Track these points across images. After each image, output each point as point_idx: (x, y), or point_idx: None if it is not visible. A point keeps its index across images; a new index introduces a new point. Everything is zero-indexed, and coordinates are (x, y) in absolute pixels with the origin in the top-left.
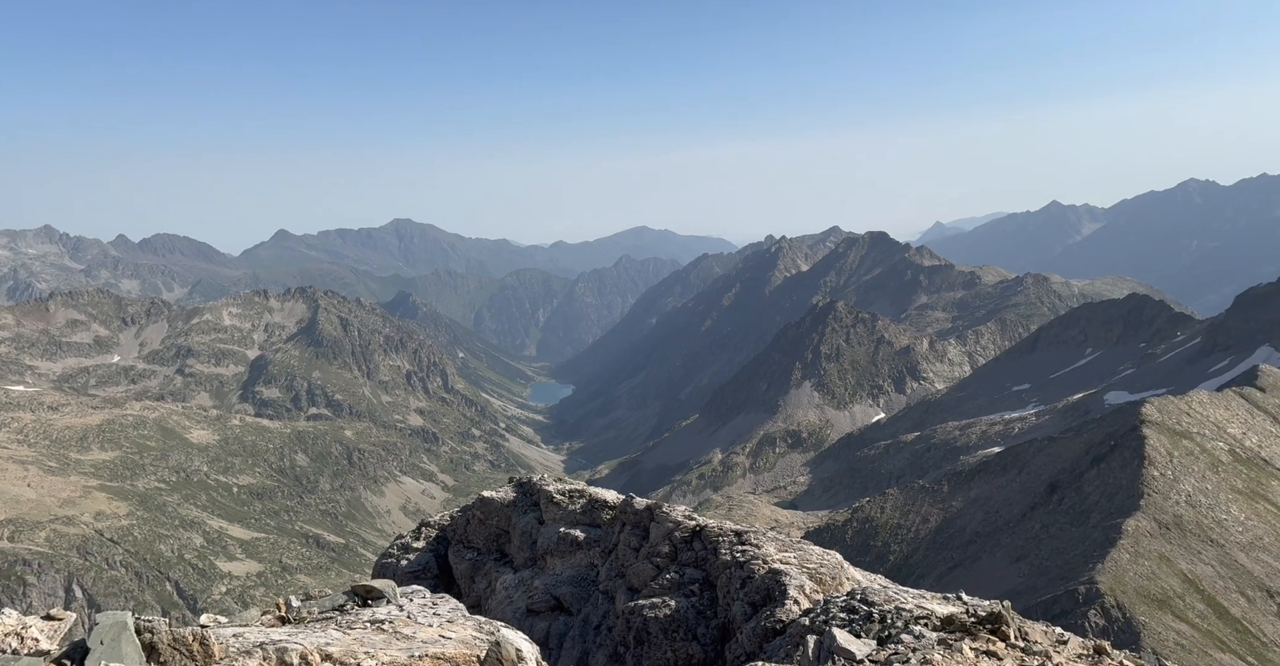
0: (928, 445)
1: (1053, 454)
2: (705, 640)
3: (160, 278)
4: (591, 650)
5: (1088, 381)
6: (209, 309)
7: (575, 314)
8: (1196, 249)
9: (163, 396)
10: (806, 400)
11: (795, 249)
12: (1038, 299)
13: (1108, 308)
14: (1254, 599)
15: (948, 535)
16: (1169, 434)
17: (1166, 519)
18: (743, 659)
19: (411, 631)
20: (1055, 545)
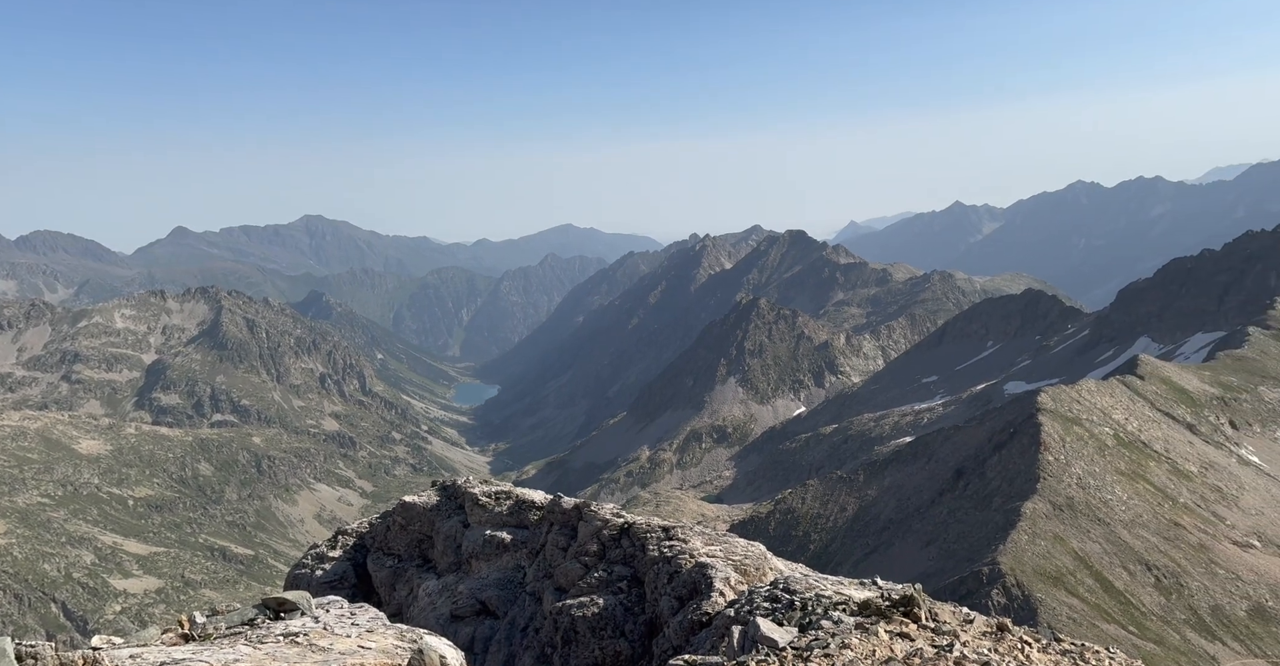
0: (845, 436)
1: (958, 442)
2: (633, 636)
3: (41, 278)
4: (518, 652)
5: (989, 372)
6: (99, 311)
7: (500, 313)
8: (1084, 246)
9: (46, 405)
10: (731, 395)
11: (719, 247)
12: (944, 295)
13: (1006, 303)
14: (1135, 572)
15: (864, 523)
16: (1062, 421)
17: (1060, 501)
18: (670, 653)
19: (328, 643)
20: (961, 529)
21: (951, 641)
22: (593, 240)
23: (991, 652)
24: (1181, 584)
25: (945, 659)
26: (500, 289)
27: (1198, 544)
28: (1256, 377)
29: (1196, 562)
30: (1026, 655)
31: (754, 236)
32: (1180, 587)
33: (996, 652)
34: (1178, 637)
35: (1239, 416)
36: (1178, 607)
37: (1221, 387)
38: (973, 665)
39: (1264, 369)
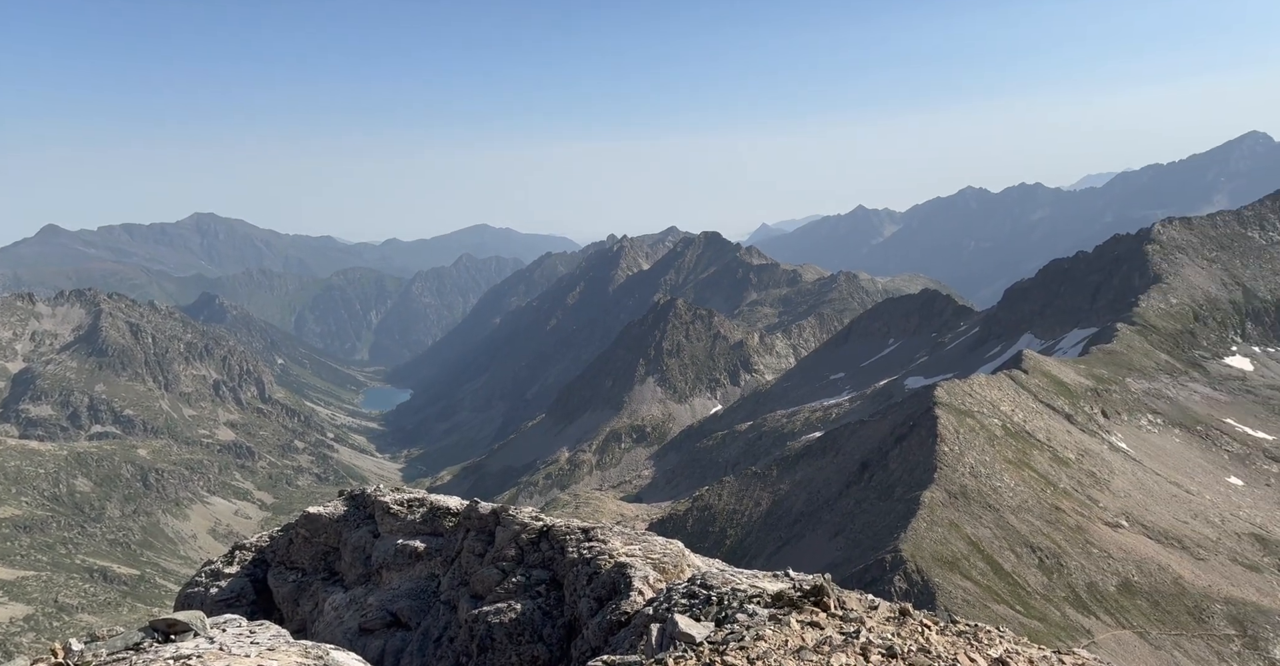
0: (759, 433)
1: (864, 436)
2: (551, 640)
3: None
4: (431, 663)
5: (891, 368)
6: None
7: (412, 315)
8: (974, 248)
9: None
10: (650, 395)
11: (636, 248)
12: (849, 295)
13: (906, 302)
14: (1021, 554)
15: (777, 516)
16: (956, 413)
17: (955, 489)
18: (589, 654)
19: (225, 664)
20: (867, 519)
21: (858, 628)
22: (509, 240)
23: (894, 637)
24: (1061, 564)
25: (852, 645)
26: (412, 290)
27: (1075, 526)
28: (1124, 370)
29: (1074, 543)
30: (926, 638)
31: (670, 238)
32: (1060, 567)
33: (899, 637)
34: (1058, 614)
35: (1109, 406)
36: (1058, 586)
37: (1094, 380)
38: (877, 650)
39: (1130, 362)
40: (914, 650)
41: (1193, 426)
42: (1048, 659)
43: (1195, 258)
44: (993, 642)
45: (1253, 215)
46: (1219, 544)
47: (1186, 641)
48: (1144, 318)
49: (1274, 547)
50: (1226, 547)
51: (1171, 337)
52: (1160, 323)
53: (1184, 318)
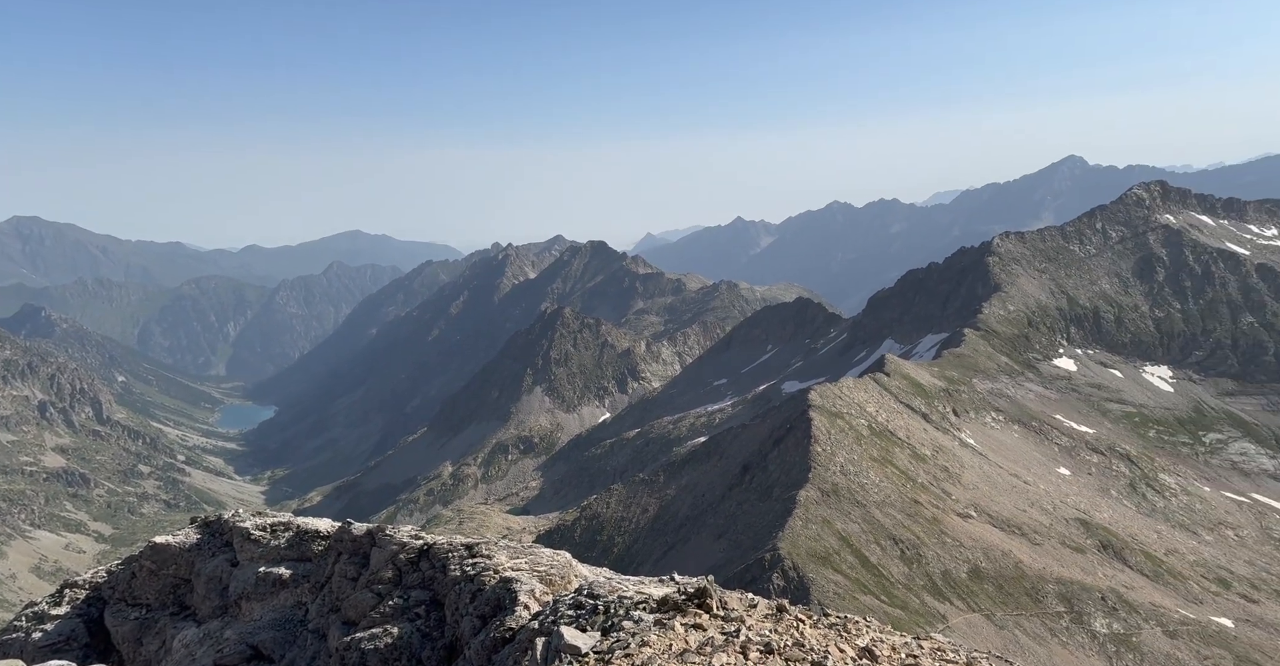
0: (647, 440)
1: (745, 439)
2: (430, 663)
3: None
4: None
5: (770, 374)
6: None
7: (277, 326)
8: (841, 259)
9: None
10: (538, 405)
11: (523, 256)
12: (730, 303)
13: (781, 310)
14: (885, 547)
15: (663, 521)
16: (828, 415)
17: (827, 487)
18: None
19: None
20: (748, 520)
21: (739, 627)
22: (385, 248)
23: (772, 633)
24: (920, 554)
25: (733, 644)
26: (276, 300)
27: (932, 517)
28: (971, 371)
29: (931, 534)
30: (801, 632)
31: (557, 246)
32: (919, 557)
33: (776, 632)
34: (918, 602)
35: (959, 405)
36: (918, 575)
37: (946, 381)
38: (756, 647)
39: (976, 364)
40: (789, 644)
41: (1029, 422)
42: (908, 644)
43: (1028, 269)
44: (860, 632)
45: (1073, 230)
46: (1051, 529)
47: (1025, 620)
48: (987, 323)
49: (1095, 531)
50: (1057, 532)
51: (1010, 341)
52: (1000, 328)
53: (1020, 323)
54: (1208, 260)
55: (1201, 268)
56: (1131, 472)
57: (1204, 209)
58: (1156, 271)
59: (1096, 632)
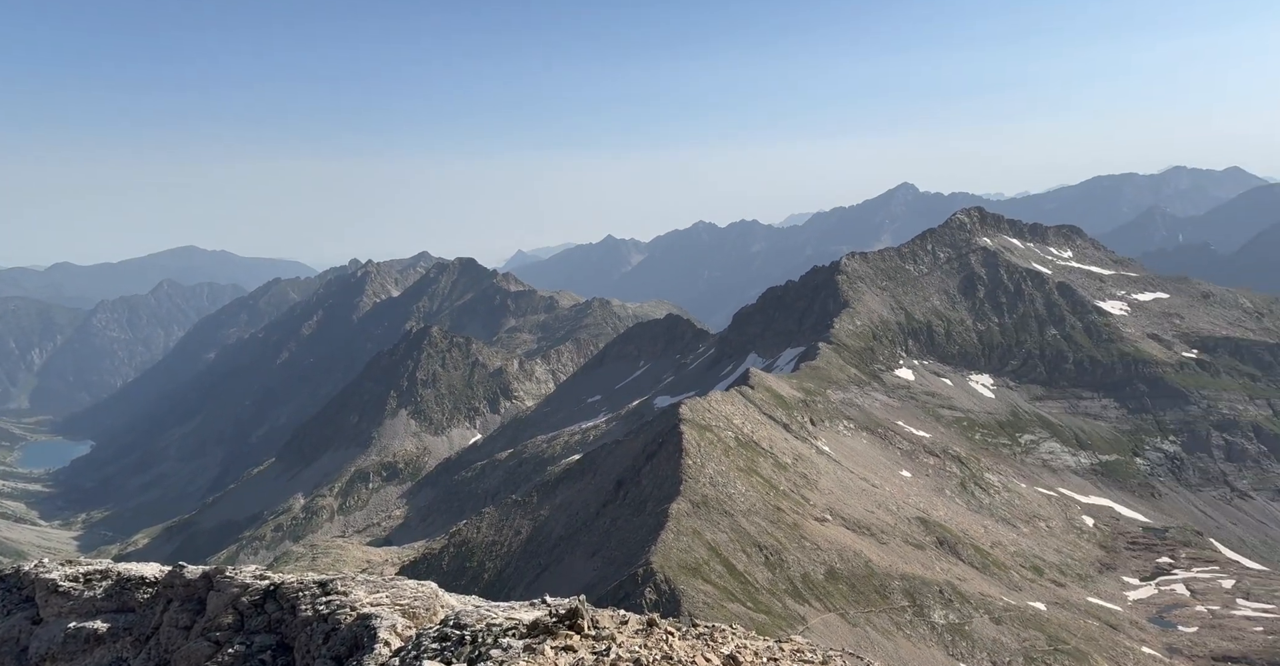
0: (520, 460)
1: (619, 455)
2: None
3: None
4: None
5: (642, 389)
6: None
7: (94, 352)
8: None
9: None
10: (403, 429)
11: (385, 274)
12: (603, 320)
13: (652, 327)
14: (751, 554)
15: (537, 542)
16: (698, 428)
17: (698, 499)
18: None
19: None
20: (621, 536)
21: (609, 645)
22: (225, 265)
23: (642, 648)
24: (782, 559)
25: (603, 663)
26: (92, 323)
27: (792, 523)
28: (825, 383)
29: (792, 539)
30: (670, 644)
31: (422, 263)
32: (782, 562)
33: (646, 647)
34: (780, 605)
35: (816, 415)
36: (780, 579)
37: (804, 392)
38: (625, 663)
39: (829, 376)
40: (658, 658)
41: (875, 429)
42: (770, 648)
43: (872, 286)
44: (725, 640)
45: (908, 251)
46: (896, 528)
47: (875, 616)
48: (838, 337)
49: (933, 528)
50: (901, 531)
51: (858, 354)
52: (850, 341)
53: (866, 337)
54: (1018, 279)
55: (1014, 285)
56: (962, 472)
57: (1014, 233)
58: (978, 289)
59: (935, 624)
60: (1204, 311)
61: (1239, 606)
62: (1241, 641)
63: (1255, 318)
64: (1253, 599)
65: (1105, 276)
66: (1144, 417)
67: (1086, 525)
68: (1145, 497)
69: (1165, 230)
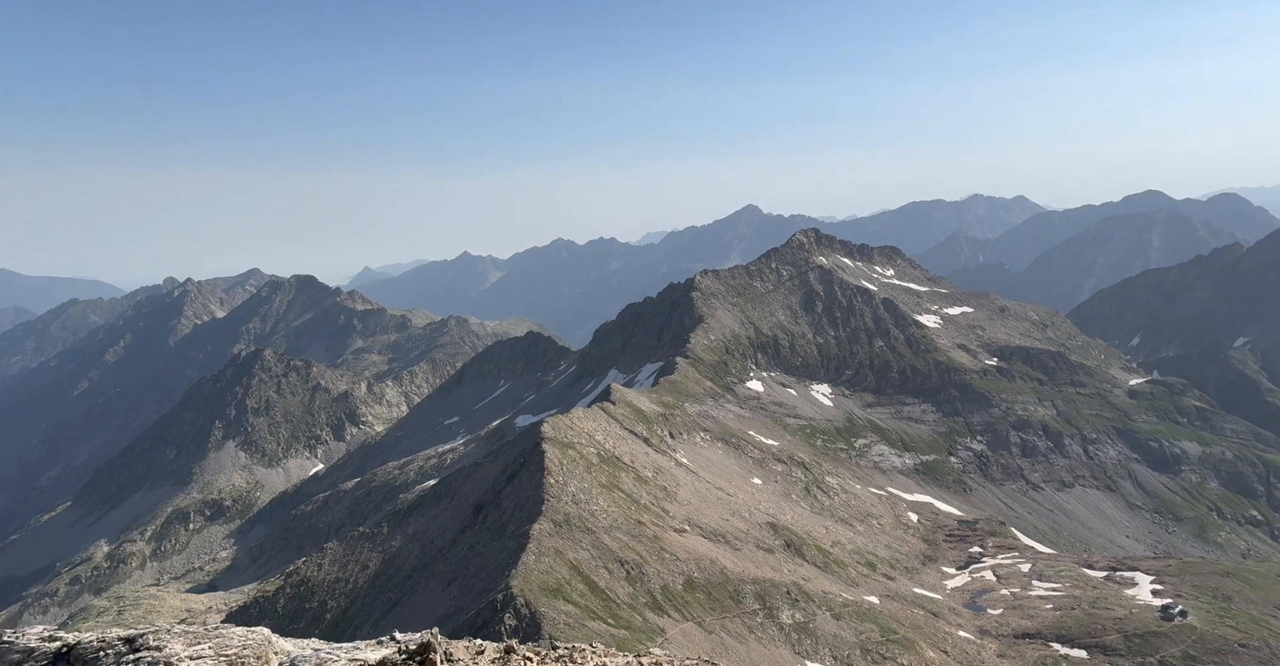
0: (369, 489)
1: (478, 478)
2: None
3: None
4: None
5: (503, 409)
6: None
7: None
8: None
9: None
10: (230, 462)
11: (207, 293)
12: (460, 338)
13: (513, 344)
14: (612, 570)
15: (387, 576)
16: (560, 446)
17: (560, 518)
18: None
19: None
20: (480, 561)
21: None
22: (6, 285)
23: None
24: (643, 572)
25: None
26: None
27: (653, 536)
28: (683, 396)
29: (652, 552)
30: None
31: (253, 281)
32: (642, 576)
33: None
34: (640, 619)
35: (674, 428)
36: (641, 593)
37: (663, 406)
38: None
39: (687, 389)
40: None
41: (729, 439)
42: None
43: (724, 302)
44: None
45: (755, 269)
46: (748, 534)
47: (729, 621)
48: (694, 352)
49: (781, 531)
50: (753, 537)
51: (713, 368)
52: (705, 355)
53: (719, 351)
54: (850, 295)
55: (846, 301)
56: (806, 477)
57: (845, 253)
58: (816, 304)
59: (783, 624)
60: (1001, 323)
61: (1034, 587)
62: (1036, 619)
63: (1041, 328)
64: (1045, 580)
65: (921, 292)
66: (956, 420)
67: (911, 521)
68: (959, 493)
69: (968, 251)
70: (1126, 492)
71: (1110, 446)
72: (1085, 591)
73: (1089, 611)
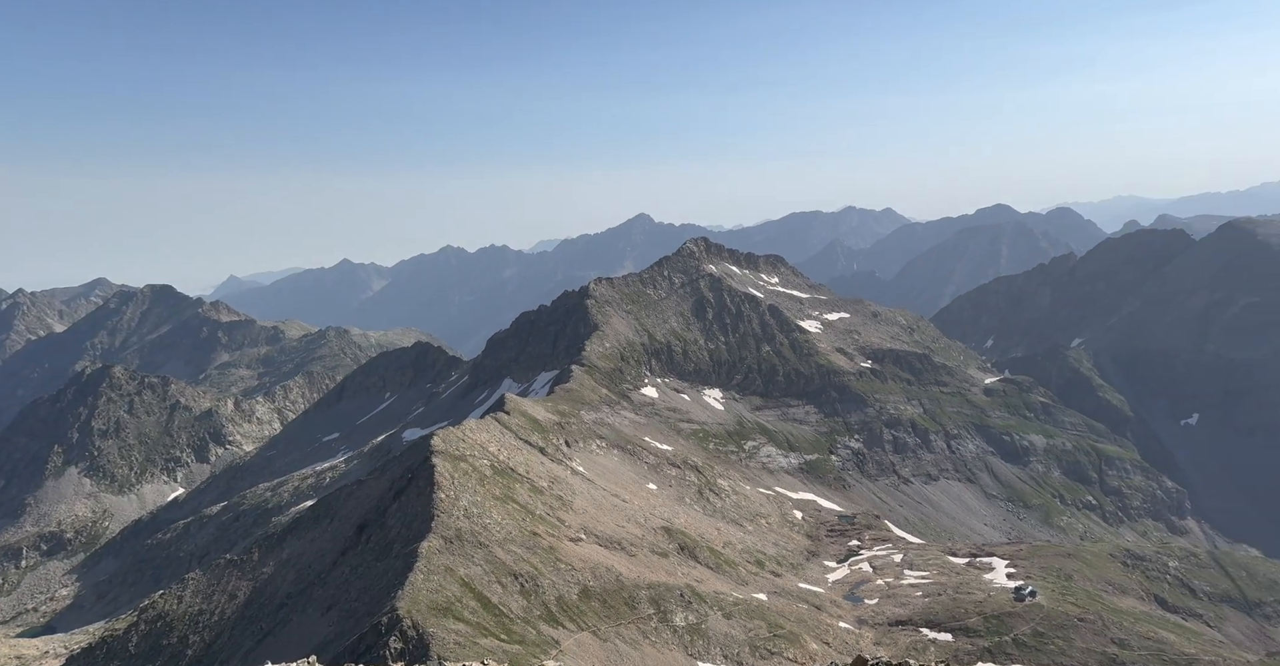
0: (237, 514)
1: (361, 496)
2: None
3: None
4: None
5: (389, 423)
6: None
7: None
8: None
9: None
10: (72, 490)
11: (44, 305)
12: (341, 350)
13: (400, 355)
14: (506, 584)
15: (258, 606)
16: (451, 459)
17: (450, 534)
18: None
19: None
20: (363, 584)
21: None
22: None
23: None
24: (538, 584)
25: None
26: None
27: (549, 546)
28: (579, 404)
29: (547, 563)
30: None
31: (99, 291)
32: (537, 588)
33: None
34: (535, 633)
35: (570, 436)
36: (535, 605)
37: (559, 415)
38: None
39: (583, 397)
40: None
41: (625, 445)
42: None
43: (618, 310)
44: None
45: (648, 277)
46: (643, 540)
47: (624, 628)
48: (589, 360)
49: (675, 535)
50: (648, 542)
51: (608, 375)
52: (600, 363)
53: (614, 358)
54: (739, 302)
55: (735, 308)
56: (699, 480)
57: (733, 261)
58: (707, 311)
59: (677, 627)
60: (874, 328)
61: (906, 577)
62: (908, 606)
63: (909, 332)
64: (915, 569)
65: (803, 299)
66: (836, 420)
67: (797, 518)
68: (839, 489)
69: (844, 260)
70: (984, 483)
71: (970, 441)
72: (950, 578)
73: (953, 597)
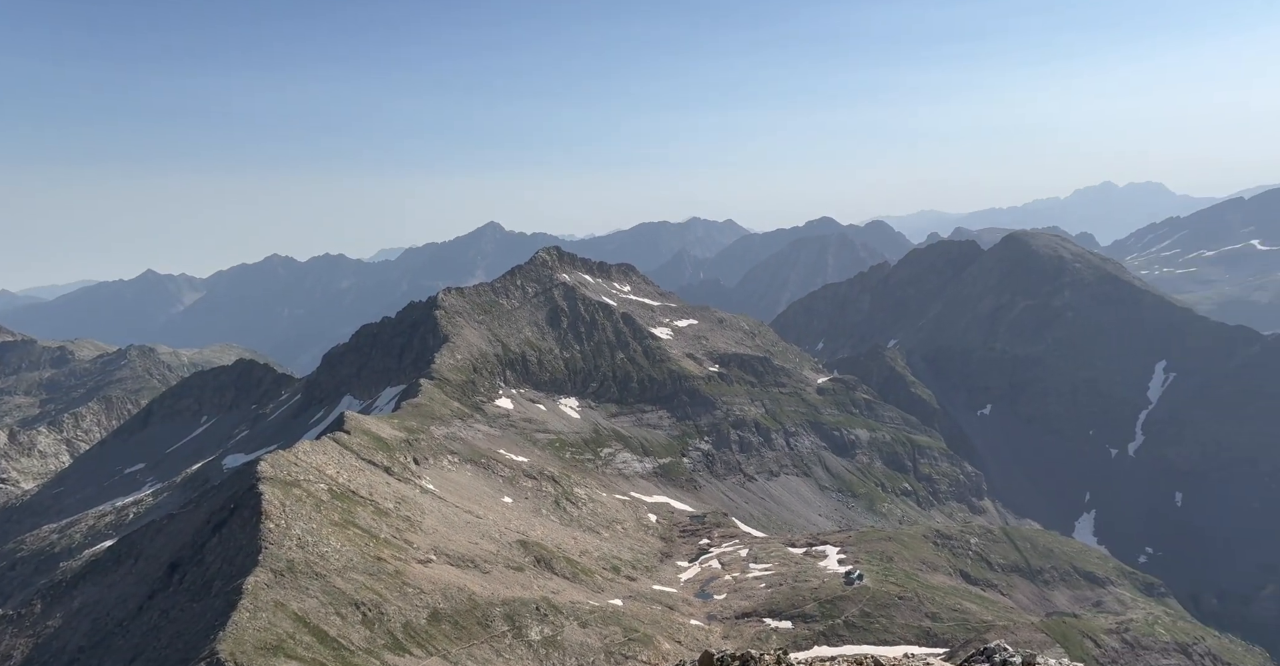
0: (13, 562)
1: (173, 532)
2: None
3: None
4: None
5: (206, 450)
6: None
7: None
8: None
9: None
10: None
11: None
12: (146, 371)
13: (219, 374)
14: (346, 614)
15: (41, 664)
16: (282, 485)
17: (281, 566)
18: None
19: None
20: (176, 629)
21: None
22: None
23: None
24: (383, 612)
25: None
26: None
27: (394, 571)
28: (429, 419)
29: (393, 588)
30: None
31: None
32: (381, 616)
33: None
34: (378, 663)
35: (419, 453)
36: (379, 635)
37: (407, 431)
38: None
39: (433, 412)
40: None
41: (479, 460)
42: None
43: (470, 320)
44: None
45: (501, 286)
46: (498, 555)
47: (476, 648)
48: (439, 373)
49: (531, 548)
50: (503, 557)
51: (460, 388)
52: (451, 376)
53: (467, 370)
54: (593, 310)
55: (589, 316)
56: (555, 491)
57: (586, 270)
58: (562, 320)
59: (532, 641)
60: (720, 333)
61: (751, 570)
62: (753, 598)
63: (751, 337)
64: (759, 562)
65: (655, 307)
66: (687, 424)
67: (651, 521)
68: (690, 490)
69: (690, 268)
70: (818, 476)
71: (805, 437)
72: (790, 568)
73: (793, 586)
